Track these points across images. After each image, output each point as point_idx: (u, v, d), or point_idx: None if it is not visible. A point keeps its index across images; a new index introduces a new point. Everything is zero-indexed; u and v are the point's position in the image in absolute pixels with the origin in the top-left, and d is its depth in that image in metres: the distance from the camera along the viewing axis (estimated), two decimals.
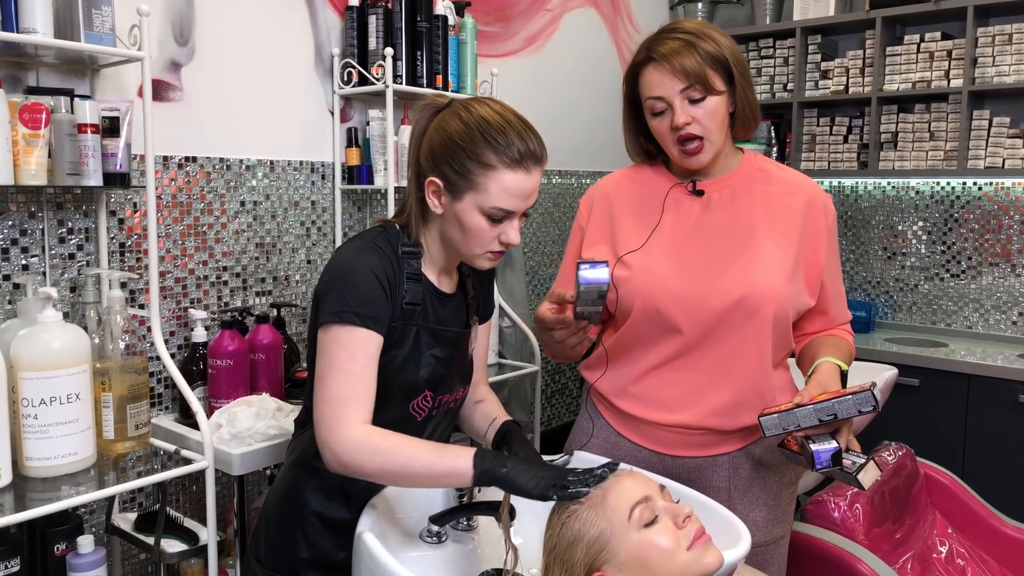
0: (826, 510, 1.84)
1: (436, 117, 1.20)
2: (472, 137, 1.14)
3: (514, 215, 1.17)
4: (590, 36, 3.14)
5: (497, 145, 1.13)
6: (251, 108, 2.07)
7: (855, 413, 1.21)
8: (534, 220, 2.97)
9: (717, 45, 1.33)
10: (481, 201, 1.15)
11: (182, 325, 1.95)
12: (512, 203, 1.16)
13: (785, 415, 1.25)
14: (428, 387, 1.25)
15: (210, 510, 1.59)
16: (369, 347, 1.14)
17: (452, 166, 1.15)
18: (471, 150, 1.13)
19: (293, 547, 1.26)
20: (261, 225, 2.12)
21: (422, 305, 1.22)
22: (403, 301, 1.19)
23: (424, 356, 1.22)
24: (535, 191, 1.18)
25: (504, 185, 1.14)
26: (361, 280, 1.15)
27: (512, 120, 1.16)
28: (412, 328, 1.21)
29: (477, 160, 1.13)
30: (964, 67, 2.84)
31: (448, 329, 1.26)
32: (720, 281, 1.35)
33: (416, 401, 1.24)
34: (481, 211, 1.15)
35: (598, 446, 1.49)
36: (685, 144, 1.34)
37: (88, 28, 1.55)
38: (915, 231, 3.22)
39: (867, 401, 1.20)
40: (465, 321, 1.31)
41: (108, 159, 1.60)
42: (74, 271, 1.75)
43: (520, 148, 1.14)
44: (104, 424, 1.57)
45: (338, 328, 1.13)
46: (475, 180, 1.14)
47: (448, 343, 1.26)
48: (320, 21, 2.21)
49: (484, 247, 1.19)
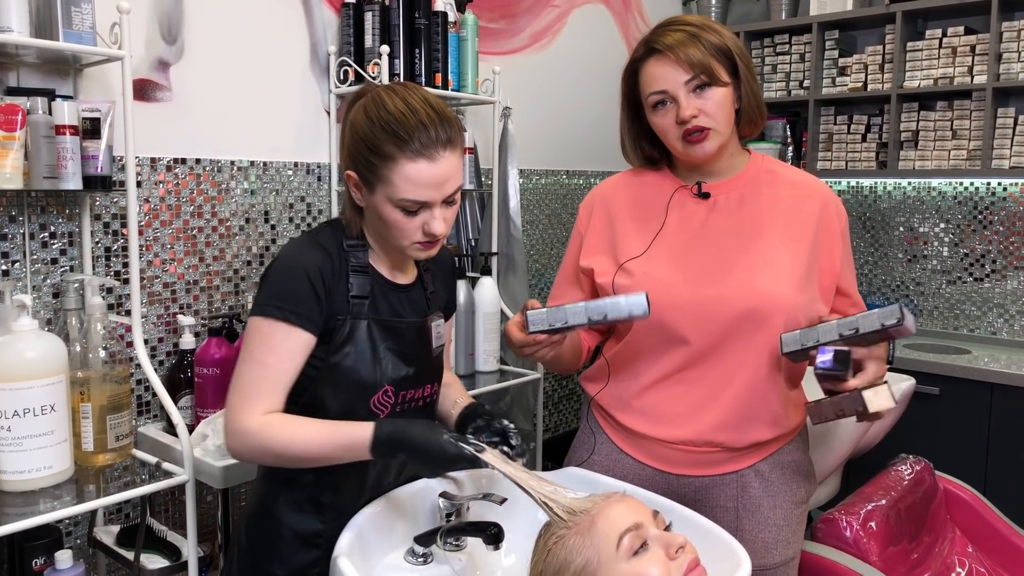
0: (838, 528, 1.76)
1: (350, 113, 1.18)
2: (372, 130, 1.12)
3: (430, 205, 1.14)
4: (599, 33, 3.07)
5: (397, 137, 1.10)
6: (243, 108, 2.02)
7: (878, 327, 1.12)
8: (540, 221, 2.90)
9: (721, 37, 1.29)
10: (390, 194, 1.12)
11: (171, 331, 1.91)
12: (422, 193, 1.12)
13: (806, 331, 1.19)
14: (389, 383, 1.21)
15: (190, 525, 1.54)
16: (288, 342, 1.13)
17: (360, 160, 1.14)
18: (372, 143, 1.11)
19: (267, 564, 1.23)
20: (254, 228, 2.06)
21: (371, 297, 1.20)
22: (348, 294, 1.17)
23: (379, 350, 1.20)
24: (450, 178, 1.14)
25: (407, 176, 1.11)
26: (290, 276, 1.14)
27: (417, 107, 1.12)
28: (362, 322, 1.19)
29: (378, 153, 1.11)
30: (988, 63, 2.75)
31: (402, 320, 1.23)
32: (727, 289, 1.29)
33: (376, 397, 1.21)
34: (392, 203, 1.13)
35: (599, 463, 1.43)
36: (690, 136, 1.29)
37: (67, 26, 1.50)
38: (936, 233, 3.13)
39: (892, 313, 1.11)
40: (424, 314, 1.27)
41: (89, 161, 1.56)
42: (57, 276, 1.70)
43: (421, 137, 1.10)
44: (83, 435, 1.53)
45: (260, 320, 1.13)
46: (380, 173, 1.12)
47: (404, 336, 1.23)
48: (316, 18, 2.15)
49: (410, 239, 1.16)
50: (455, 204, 1.18)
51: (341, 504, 1.21)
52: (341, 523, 1.21)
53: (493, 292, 2.32)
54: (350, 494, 1.22)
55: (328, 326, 1.16)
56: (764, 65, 3.31)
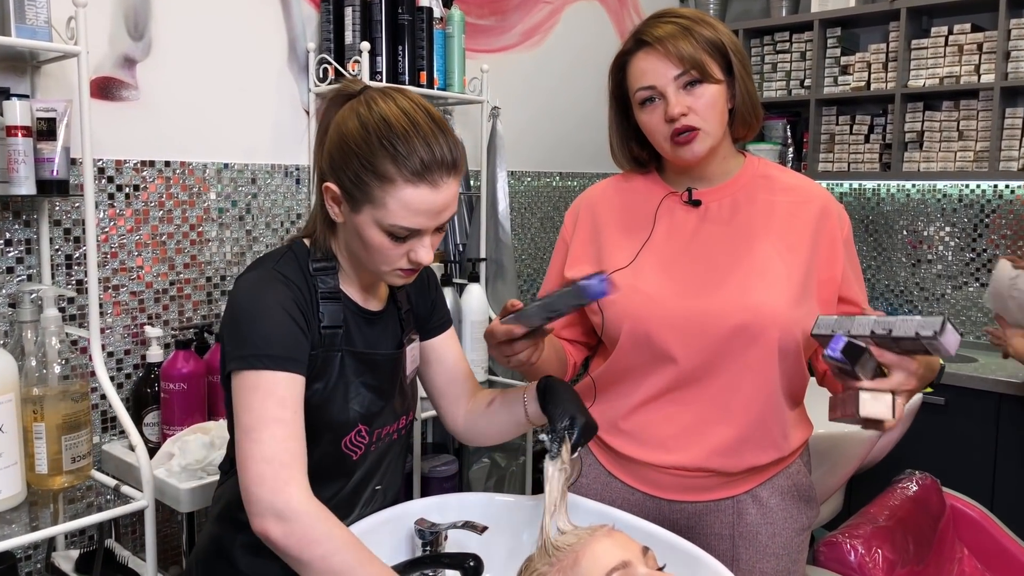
0: (841, 552, 1.68)
1: (337, 114, 1.04)
2: (369, 143, 0.98)
3: (422, 233, 1.02)
4: (594, 30, 2.98)
5: (396, 154, 0.97)
6: (217, 107, 1.92)
7: (912, 334, 1.01)
8: (531, 225, 2.81)
9: (715, 31, 1.20)
10: (380, 217, 0.99)
11: (139, 343, 1.81)
12: (416, 221, 1.00)
13: (843, 318, 1.08)
14: (362, 421, 1.10)
15: (149, 553, 1.45)
16: (294, 391, 0.99)
17: (347, 174, 1.00)
18: (367, 159, 0.98)
19: None
20: (229, 234, 1.97)
21: (344, 326, 1.08)
22: (320, 326, 1.05)
23: (352, 385, 1.08)
24: (448, 206, 1.02)
25: (405, 202, 0.98)
26: (268, 317, 1.00)
27: (420, 121, 0.99)
28: (335, 355, 1.07)
29: (373, 171, 0.98)
30: (996, 61, 2.67)
31: (377, 353, 1.11)
32: (718, 303, 1.21)
33: (349, 438, 1.10)
34: (380, 228, 1.00)
35: (587, 487, 1.35)
36: (679, 136, 1.20)
37: (20, 21, 1.41)
38: (941, 237, 3.05)
39: (930, 324, 0.99)
40: (399, 341, 1.16)
41: (43, 164, 1.46)
42: (13, 286, 1.61)
43: (425, 158, 0.97)
44: (37, 457, 1.44)
45: (254, 376, 0.98)
46: (372, 193, 0.99)
47: (380, 369, 1.12)
48: (294, 13, 2.05)
49: (391, 265, 1.04)
50: (443, 231, 1.06)
51: None
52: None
53: (481, 299, 2.23)
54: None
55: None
56: (764, 63, 3.24)
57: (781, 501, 1.29)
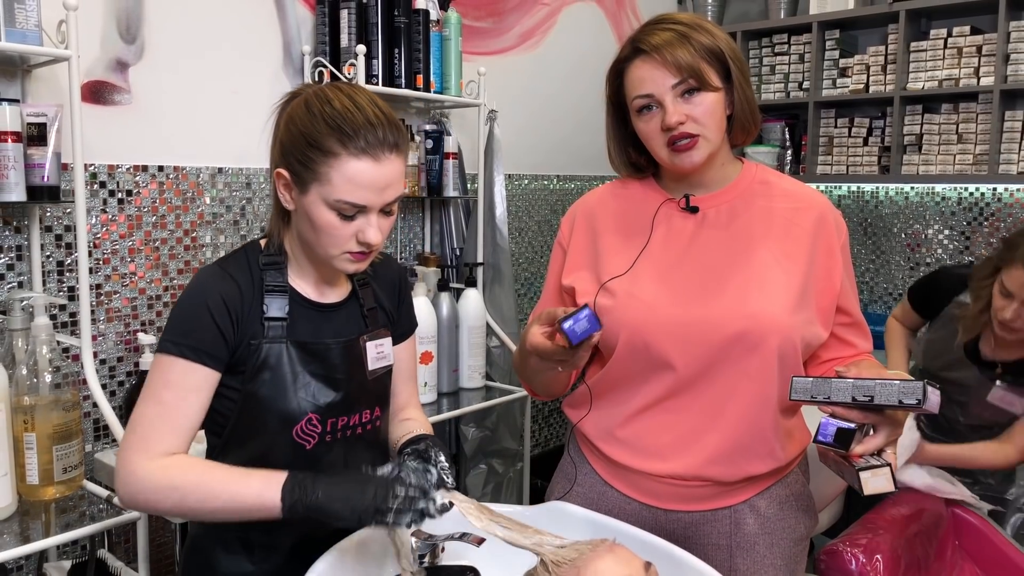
0: (842, 562, 1.66)
1: (287, 108, 1.09)
2: (315, 123, 1.03)
3: (368, 210, 1.05)
4: (591, 32, 2.98)
5: (340, 130, 1.02)
6: (211, 111, 1.90)
7: (895, 403, 1.03)
8: (528, 228, 2.80)
9: (713, 38, 1.19)
10: (326, 193, 1.04)
11: (132, 350, 1.79)
12: (360, 196, 1.03)
13: (819, 381, 1.09)
14: (312, 410, 1.12)
15: (142, 565, 1.44)
16: (188, 379, 1.06)
17: (295, 156, 1.05)
18: (313, 137, 1.03)
19: None
20: (224, 239, 1.95)
21: (289, 319, 1.12)
22: (263, 317, 1.10)
23: (300, 376, 1.11)
24: (392, 183, 1.06)
25: (348, 175, 1.02)
26: (191, 310, 1.08)
27: (364, 105, 1.05)
28: (278, 345, 1.10)
29: (318, 147, 1.02)
30: (995, 64, 2.68)
31: (322, 342, 1.13)
32: (716, 310, 1.19)
33: (300, 427, 1.11)
34: (327, 205, 1.04)
35: (582, 495, 1.34)
36: (676, 144, 1.19)
37: (10, 24, 1.40)
38: (940, 240, 3.06)
39: (913, 392, 1.01)
40: (356, 333, 1.18)
41: (34, 170, 1.45)
42: (3, 294, 1.59)
43: (368, 136, 1.03)
44: (28, 467, 1.42)
45: (159, 356, 1.07)
46: (318, 170, 1.03)
47: (329, 358, 1.14)
48: (289, 15, 2.04)
49: (340, 247, 1.07)
50: (392, 215, 1.10)
51: (273, 543, 1.15)
52: (273, 563, 1.15)
53: (478, 304, 2.22)
54: (282, 532, 1.13)
55: (241, 354, 1.09)
56: (762, 66, 3.24)
57: (779, 511, 1.28)
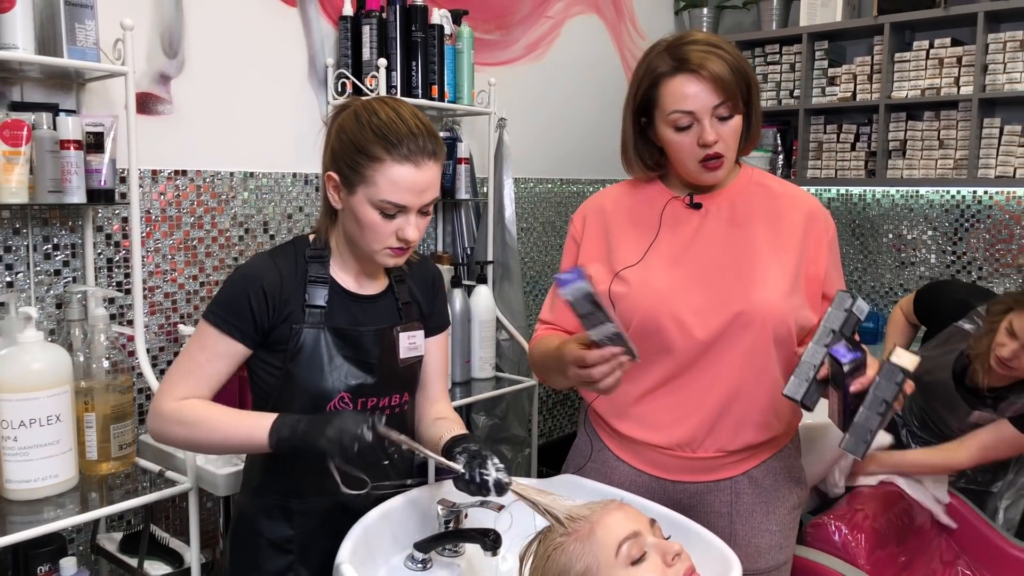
0: (827, 533, 1.80)
1: (338, 118, 1.23)
2: (364, 133, 1.17)
3: (408, 210, 1.19)
4: (593, 42, 3.11)
5: (386, 140, 1.16)
6: (243, 120, 2.05)
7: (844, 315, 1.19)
8: (534, 229, 2.94)
9: (745, 66, 1.32)
10: (371, 194, 1.17)
11: (172, 340, 1.93)
12: (402, 197, 1.17)
13: (797, 369, 1.21)
14: (344, 389, 1.25)
15: (193, 532, 1.57)
16: (218, 346, 1.21)
17: (345, 160, 1.19)
18: (361, 144, 1.17)
19: (246, 571, 1.28)
20: (253, 238, 2.09)
21: (328, 307, 1.24)
22: (304, 304, 1.23)
23: (335, 359, 1.24)
24: (429, 187, 1.20)
25: (392, 178, 1.16)
26: (235, 290, 1.22)
27: (406, 118, 1.19)
28: (316, 330, 1.23)
29: (366, 153, 1.17)
30: (974, 74, 2.79)
31: (356, 329, 1.26)
32: (719, 296, 1.32)
33: (333, 404, 1.24)
34: (372, 204, 1.18)
35: (596, 470, 1.46)
36: (708, 161, 1.31)
37: (71, 43, 1.53)
38: (924, 240, 3.17)
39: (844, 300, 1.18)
40: (391, 323, 1.30)
41: (92, 175, 1.58)
42: (60, 288, 1.73)
43: (410, 144, 1.17)
44: (87, 444, 1.56)
45: (202, 322, 1.23)
46: (364, 174, 1.17)
47: (362, 344, 1.26)
48: (314, 31, 2.18)
49: (381, 243, 1.21)
50: (428, 216, 1.23)
51: (309, 509, 1.26)
52: (309, 527, 1.26)
53: (489, 300, 2.35)
54: (317, 499, 1.25)
55: (281, 335, 1.22)
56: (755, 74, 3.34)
57: (774, 482, 1.40)
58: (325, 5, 2.20)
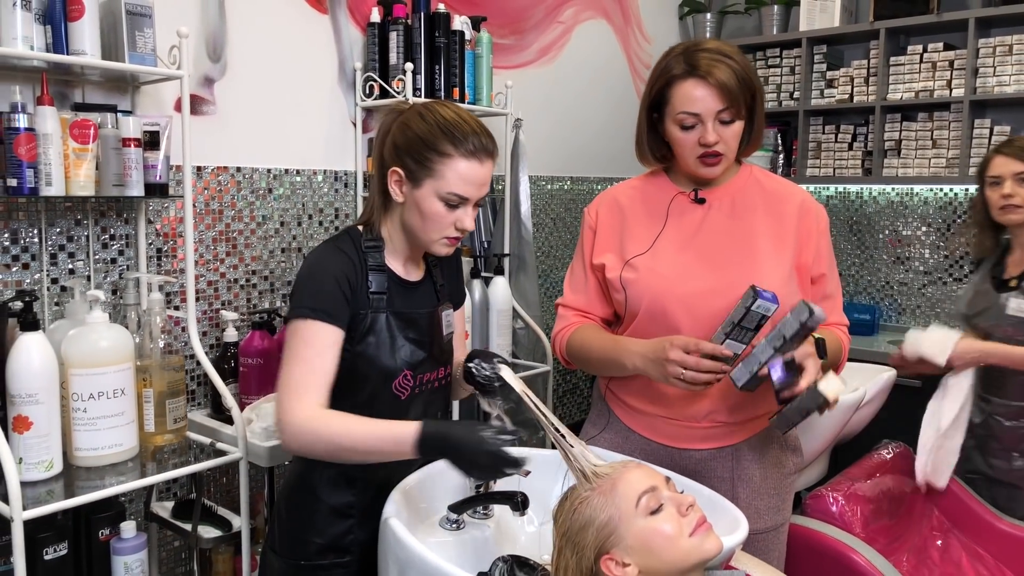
0: (825, 504, 1.91)
1: (399, 118, 1.32)
2: (432, 132, 1.27)
3: (468, 202, 1.30)
4: (601, 46, 3.22)
5: (454, 138, 1.27)
6: (278, 120, 2.18)
7: (798, 326, 1.30)
8: (546, 224, 3.06)
9: (752, 79, 1.42)
10: (439, 187, 1.27)
11: (214, 325, 2.06)
12: (467, 189, 1.28)
13: (746, 360, 1.35)
14: (407, 367, 1.34)
15: (243, 498, 1.70)
16: (323, 338, 1.26)
17: (413, 157, 1.28)
18: (430, 142, 1.27)
19: (306, 534, 1.35)
20: (288, 231, 2.23)
21: (388, 293, 1.33)
22: (369, 291, 1.31)
23: (398, 339, 1.33)
24: (487, 181, 1.31)
25: (460, 172, 1.27)
26: (318, 280, 1.28)
27: (467, 119, 1.30)
28: (381, 314, 1.32)
29: (436, 150, 1.27)
30: (966, 77, 2.89)
31: (415, 311, 1.36)
32: (721, 281, 1.44)
33: (397, 381, 1.34)
34: (438, 196, 1.28)
35: (609, 440, 1.58)
36: (706, 158, 1.43)
37: (132, 49, 1.66)
38: (919, 236, 3.27)
39: (801, 311, 1.29)
40: (435, 305, 1.42)
41: (149, 170, 1.71)
42: (115, 275, 1.86)
43: (474, 141, 1.28)
44: (145, 418, 1.68)
45: (297, 323, 1.27)
46: (434, 168, 1.27)
47: (419, 325, 1.36)
48: (343, 37, 2.31)
49: (441, 232, 1.31)
50: (478, 208, 1.35)
51: (370, 478, 1.33)
52: (370, 494, 1.34)
53: (505, 291, 2.47)
54: (379, 468, 1.31)
55: (352, 320, 1.29)
56: None
57: (772, 448, 1.53)
58: (354, 12, 2.33)
